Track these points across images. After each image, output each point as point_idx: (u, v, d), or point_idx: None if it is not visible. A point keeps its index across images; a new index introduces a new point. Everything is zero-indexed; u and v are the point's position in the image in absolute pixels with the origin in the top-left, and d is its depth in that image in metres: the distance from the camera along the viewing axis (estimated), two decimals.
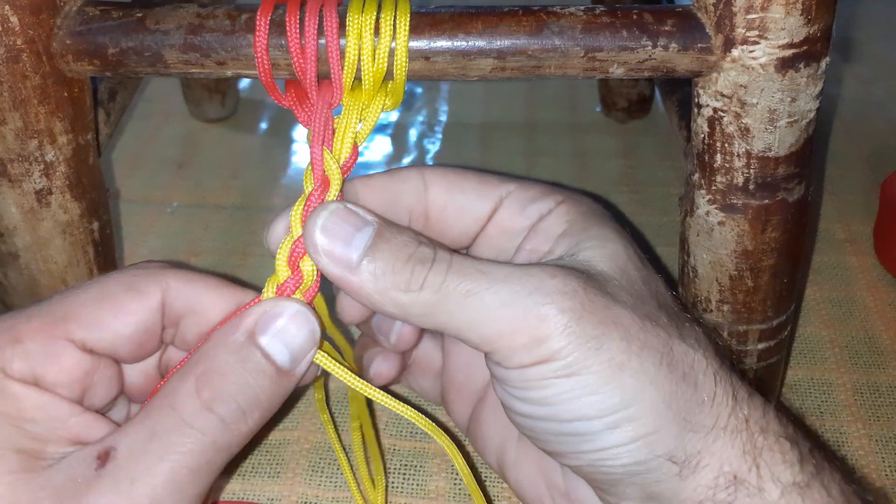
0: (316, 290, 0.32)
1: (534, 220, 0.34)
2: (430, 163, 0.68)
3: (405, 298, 0.29)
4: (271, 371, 0.29)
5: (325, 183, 0.32)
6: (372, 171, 0.36)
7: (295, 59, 0.33)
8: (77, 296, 0.29)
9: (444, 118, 0.75)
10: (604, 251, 0.32)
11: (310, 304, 0.32)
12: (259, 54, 0.33)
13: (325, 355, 0.32)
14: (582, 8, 0.34)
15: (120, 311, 0.29)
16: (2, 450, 0.26)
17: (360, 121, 0.34)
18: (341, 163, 0.33)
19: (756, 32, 0.32)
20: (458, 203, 0.35)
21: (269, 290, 0.32)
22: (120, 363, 0.31)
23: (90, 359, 0.29)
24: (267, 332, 0.29)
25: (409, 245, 0.30)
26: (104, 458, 0.26)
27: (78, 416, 0.28)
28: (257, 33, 0.33)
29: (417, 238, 0.31)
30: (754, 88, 0.34)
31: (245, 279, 0.56)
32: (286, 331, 0.30)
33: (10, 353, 0.27)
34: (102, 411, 0.31)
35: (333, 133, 0.34)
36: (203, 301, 0.31)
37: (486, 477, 0.43)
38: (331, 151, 0.33)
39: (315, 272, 0.32)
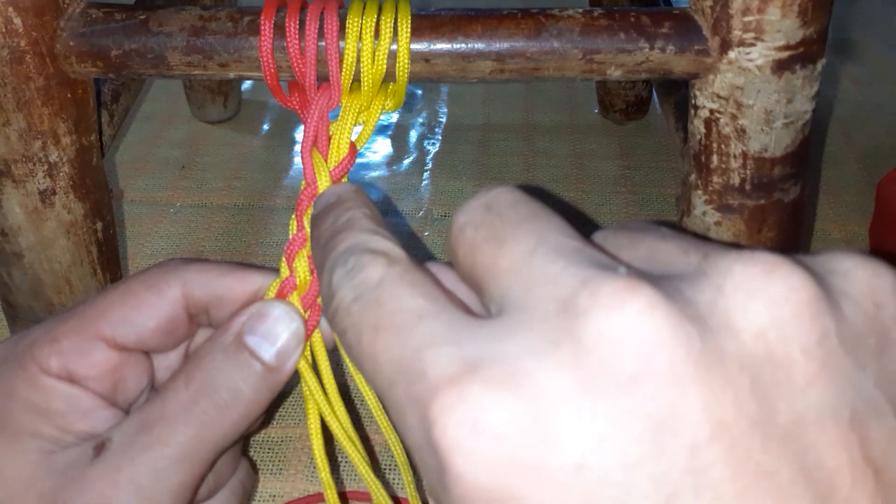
0: (317, 290, 0.33)
1: None
2: (430, 164, 0.69)
3: None
4: (258, 367, 0.30)
5: (314, 185, 0.33)
6: (372, 172, 0.36)
7: (294, 61, 0.34)
8: (106, 297, 0.31)
9: (443, 120, 0.75)
10: None
11: (313, 303, 0.32)
12: (265, 58, 0.34)
13: (307, 365, 0.32)
14: (580, 11, 0.34)
15: (142, 307, 0.31)
16: (23, 434, 0.29)
17: (360, 123, 0.34)
18: (336, 164, 0.33)
19: (752, 34, 0.33)
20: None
21: (271, 291, 0.32)
22: (151, 356, 0.33)
23: (119, 354, 0.31)
24: (254, 333, 0.31)
25: None
26: (99, 448, 0.29)
27: (102, 410, 0.30)
28: (262, 37, 0.34)
29: None
30: (751, 90, 0.34)
31: None
32: (271, 331, 0.31)
33: (47, 350, 0.30)
34: (134, 402, 0.33)
35: (330, 136, 0.34)
36: (221, 287, 0.32)
37: None
38: (326, 153, 0.33)
39: (308, 273, 0.32)
